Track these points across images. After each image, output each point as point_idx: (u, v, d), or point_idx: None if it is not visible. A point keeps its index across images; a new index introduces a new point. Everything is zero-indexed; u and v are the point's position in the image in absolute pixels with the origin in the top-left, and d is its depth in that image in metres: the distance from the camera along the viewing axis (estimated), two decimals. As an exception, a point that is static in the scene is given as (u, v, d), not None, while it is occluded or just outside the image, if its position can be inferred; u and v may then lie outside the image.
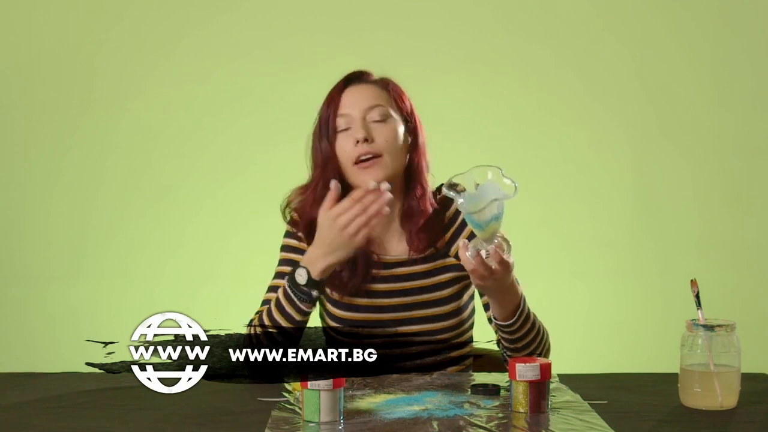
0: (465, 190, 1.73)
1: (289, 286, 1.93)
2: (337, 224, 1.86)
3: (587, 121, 3.43)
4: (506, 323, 1.91)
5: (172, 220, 3.43)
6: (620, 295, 3.45)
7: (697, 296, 1.78)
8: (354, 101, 2.03)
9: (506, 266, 1.78)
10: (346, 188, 2.02)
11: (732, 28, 3.43)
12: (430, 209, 2.06)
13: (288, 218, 2.11)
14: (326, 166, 2.03)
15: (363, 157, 1.99)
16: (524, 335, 1.93)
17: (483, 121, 3.40)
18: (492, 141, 3.40)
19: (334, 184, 1.89)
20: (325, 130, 2.03)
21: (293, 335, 1.94)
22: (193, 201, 3.43)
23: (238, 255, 3.36)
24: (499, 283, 1.82)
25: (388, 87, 2.07)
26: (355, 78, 2.07)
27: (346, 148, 2.01)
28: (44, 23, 3.41)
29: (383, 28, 3.39)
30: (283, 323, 1.94)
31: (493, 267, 1.76)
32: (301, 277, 1.92)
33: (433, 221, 2.06)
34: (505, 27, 3.42)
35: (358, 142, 1.99)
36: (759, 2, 3.42)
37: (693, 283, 1.79)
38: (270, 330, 1.93)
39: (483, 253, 1.75)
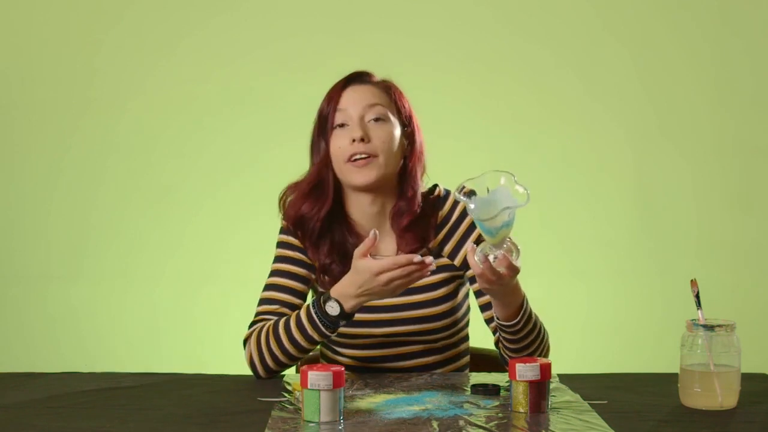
0: (476, 194, 1.73)
1: (317, 313, 1.89)
2: (379, 280, 1.82)
3: (587, 121, 3.43)
4: (509, 323, 1.90)
5: (172, 220, 3.43)
6: (620, 295, 3.45)
7: (697, 296, 1.78)
8: (354, 99, 2.03)
9: (515, 271, 1.77)
10: (337, 185, 2.03)
11: (732, 28, 3.43)
12: (417, 210, 2.05)
13: (283, 214, 2.10)
14: (322, 162, 2.03)
15: (357, 157, 1.98)
16: (526, 335, 1.92)
17: (483, 121, 3.40)
18: (492, 141, 3.41)
19: (373, 234, 1.83)
20: (324, 126, 2.04)
21: (304, 354, 1.95)
22: (193, 201, 3.43)
23: (238, 255, 3.36)
24: (506, 287, 1.82)
25: (389, 90, 2.06)
26: (357, 77, 2.06)
27: (340, 144, 2.00)
28: (44, 23, 3.41)
29: (383, 28, 3.39)
30: (302, 343, 1.92)
31: (502, 272, 1.76)
32: (333, 309, 1.88)
33: (421, 221, 2.05)
34: (505, 27, 3.42)
35: (354, 140, 1.98)
36: (759, 2, 3.42)
37: (693, 283, 1.79)
38: (282, 352, 1.93)
39: (491, 257, 1.75)
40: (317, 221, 2.03)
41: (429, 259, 1.81)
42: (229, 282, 3.37)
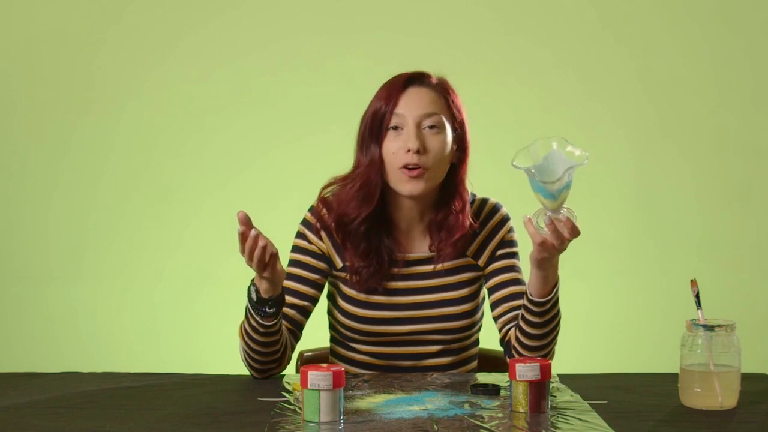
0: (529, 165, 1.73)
1: (248, 300, 1.90)
2: (245, 255, 1.84)
3: (587, 121, 3.43)
4: (543, 300, 1.90)
5: (172, 220, 3.43)
6: (620, 295, 3.44)
7: (697, 296, 1.78)
8: (412, 104, 2.00)
9: (577, 233, 1.78)
10: (385, 187, 2.01)
11: (732, 28, 3.43)
12: (468, 225, 2.04)
13: (316, 202, 2.08)
14: (372, 167, 2.00)
15: (411, 167, 1.96)
16: (551, 319, 1.93)
17: (483, 121, 3.39)
18: (492, 141, 3.40)
19: (240, 216, 1.82)
20: (378, 126, 2.00)
21: (268, 347, 1.93)
22: (193, 201, 3.43)
23: (239, 255, 3.35)
24: (558, 256, 1.84)
25: (446, 93, 2.04)
26: (417, 79, 2.03)
27: (394, 150, 1.98)
28: (44, 23, 3.41)
29: (383, 28, 3.38)
30: (253, 334, 1.92)
31: (565, 235, 1.77)
32: (252, 294, 1.89)
33: (466, 235, 2.05)
34: (505, 27, 3.42)
35: (409, 150, 1.96)
36: (759, 2, 3.42)
37: (693, 283, 1.79)
38: (248, 344, 1.94)
39: (556, 222, 1.76)
40: (361, 223, 2.01)
41: (241, 227, 1.80)
42: (229, 282, 3.35)
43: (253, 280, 1.89)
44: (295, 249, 2.09)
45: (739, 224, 3.45)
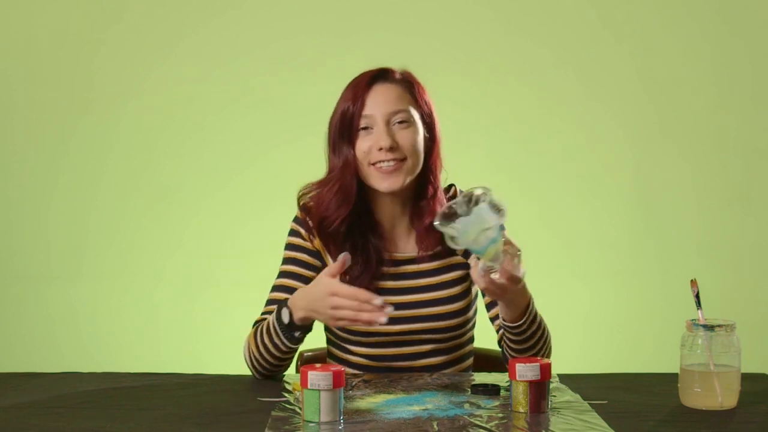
0: (458, 215, 1.70)
1: (276, 319, 1.90)
2: (330, 302, 1.79)
3: (587, 121, 3.43)
4: (515, 324, 1.90)
5: (172, 220, 3.43)
6: (620, 295, 3.44)
7: (697, 296, 1.78)
8: (379, 103, 1.99)
9: (516, 281, 1.77)
10: (360, 186, 2.01)
11: (732, 28, 3.43)
12: (439, 209, 2.04)
13: (299, 211, 2.08)
14: (345, 168, 2.00)
15: (384, 164, 1.97)
16: (530, 336, 1.92)
17: (483, 121, 3.40)
18: (492, 141, 3.40)
19: (343, 257, 1.80)
20: (348, 128, 2.00)
21: (281, 361, 1.95)
22: (193, 201, 3.43)
23: (238, 255, 3.36)
24: (512, 294, 1.82)
25: (411, 87, 2.04)
26: (381, 76, 2.03)
27: (365, 148, 1.98)
28: (44, 23, 3.41)
29: (383, 28, 3.39)
30: (272, 349, 1.92)
31: (504, 284, 1.76)
32: (285, 316, 1.89)
33: None
34: (505, 27, 3.42)
35: (381, 148, 1.96)
36: (759, 2, 3.42)
37: (693, 283, 1.79)
38: (262, 355, 1.94)
39: (493, 275, 1.75)
40: (341, 225, 2.01)
41: (389, 309, 1.77)
42: (229, 282, 3.37)
43: (287, 302, 1.89)
44: (290, 247, 2.08)
45: (739, 224, 3.45)
